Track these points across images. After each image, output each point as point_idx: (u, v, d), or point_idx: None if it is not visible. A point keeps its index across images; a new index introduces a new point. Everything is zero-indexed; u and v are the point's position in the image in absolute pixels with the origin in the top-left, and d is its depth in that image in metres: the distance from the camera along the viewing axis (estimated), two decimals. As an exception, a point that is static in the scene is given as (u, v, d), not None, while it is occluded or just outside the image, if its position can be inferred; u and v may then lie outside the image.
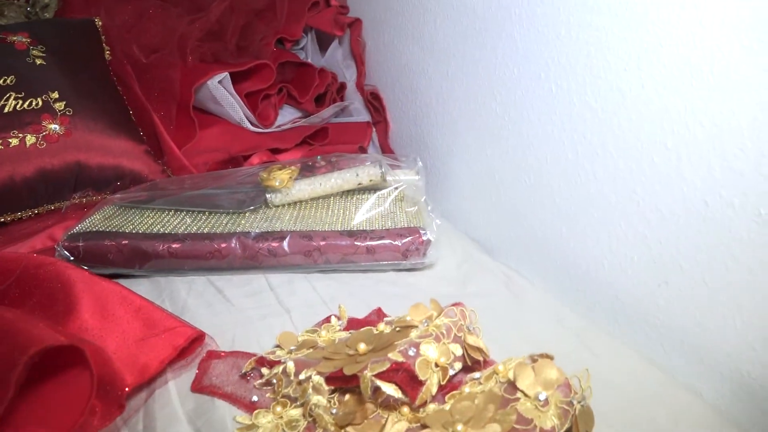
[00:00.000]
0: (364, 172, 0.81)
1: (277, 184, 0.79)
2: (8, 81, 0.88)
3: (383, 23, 1.08)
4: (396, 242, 0.72)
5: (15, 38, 0.93)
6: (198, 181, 0.88)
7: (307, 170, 0.86)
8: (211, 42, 1.13)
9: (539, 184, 0.73)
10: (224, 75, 1.06)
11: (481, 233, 0.85)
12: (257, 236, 0.73)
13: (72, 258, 0.72)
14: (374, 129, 1.17)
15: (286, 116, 1.21)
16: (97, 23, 1.07)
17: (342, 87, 1.21)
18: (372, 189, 0.84)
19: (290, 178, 0.79)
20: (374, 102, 1.14)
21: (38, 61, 0.92)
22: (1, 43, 0.91)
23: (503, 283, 0.71)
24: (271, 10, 1.22)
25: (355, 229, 0.74)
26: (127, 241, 0.72)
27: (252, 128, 1.09)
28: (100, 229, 0.74)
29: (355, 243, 0.72)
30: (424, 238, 0.72)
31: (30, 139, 0.87)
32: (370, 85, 1.15)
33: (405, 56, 1.02)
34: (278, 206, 0.82)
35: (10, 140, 0.85)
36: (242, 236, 0.72)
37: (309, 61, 1.27)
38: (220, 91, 1.06)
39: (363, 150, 1.09)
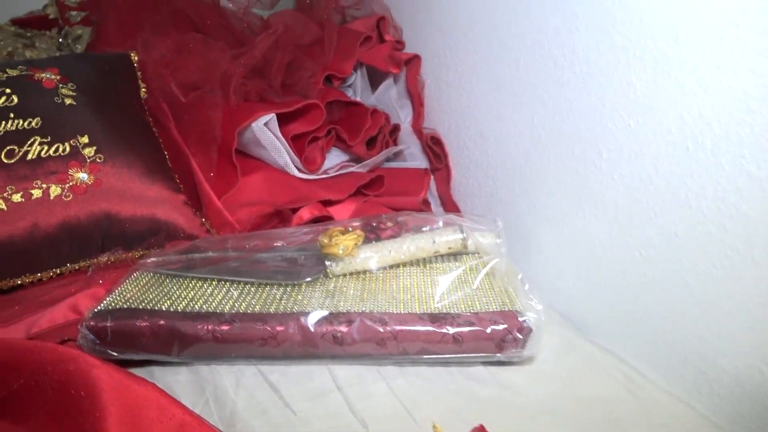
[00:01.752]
0: (442, 239, 0.69)
1: (340, 252, 0.66)
2: (33, 124, 0.78)
3: (447, 61, 0.97)
4: (489, 330, 0.59)
5: (43, 75, 0.83)
6: (243, 241, 0.76)
7: (370, 232, 0.73)
8: (255, 79, 1.03)
9: (662, 260, 0.60)
10: (271, 116, 0.96)
11: (576, 312, 0.71)
12: (315, 317, 0.60)
13: (98, 341, 0.60)
14: (432, 177, 1.05)
15: (333, 160, 1.09)
16: (133, 58, 0.97)
17: (395, 129, 1.10)
18: (451, 255, 0.71)
19: (355, 245, 0.67)
20: (434, 147, 1.02)
21: (67, 101, 0.82)
22: (28, 80, 0.81)
23: (623, 386, 0.58)
24: (319, 45, 1.11)
25: (437, 311, 0.61)
26: (163, 322, 0.60)
27: (298, 174, 0.98)
28: (132, 305, 0.62)
29: (439, 330, 0.59)
30: (524, 325, 0.59)
31: (54, 190, 0.76)
32: (430, 128, 1.04)
33: (475, 98, 0.90)
34: (338, 276, 0.69)
35: (32, 191, 0.75)
36: (301, 318, 0.60)
37: (359, 99, 1.16)
38: (266, 135, 0.95)
39: (426, 204, 0.96)
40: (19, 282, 0.75)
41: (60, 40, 1.40)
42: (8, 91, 0.78)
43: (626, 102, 0.62)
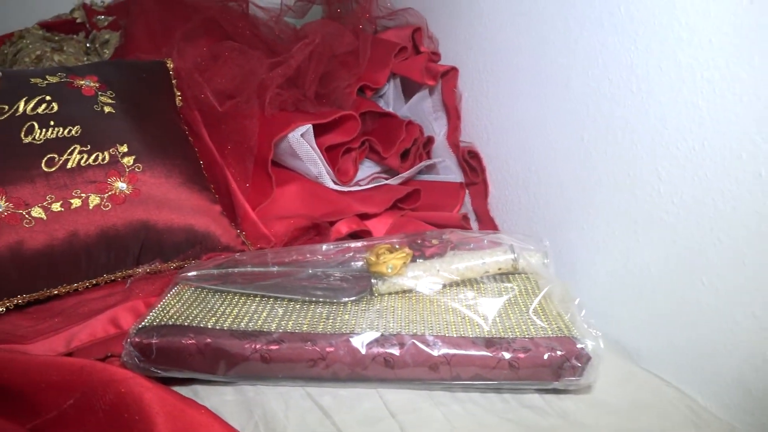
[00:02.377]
0: (492, 259, 0.67)
1: (388, 270, 0.65)
2: (73, 132, 0.76)
3: (487, 75, 0.95)
4: (546, 356, 0.57)
5: (82, 82, 0.82)
6: (283, 256, 0.74)
7: (415, 249, 0.72)
8: (290, 89, 1.02)
9: (727, 289, 0.58)
10: (307, 127, 0.94)
11: (630, 340, 0.69)
12: (365, 338, 0.58)
13: (143, 358, 0.58)
14: (467, 191, 1.03)
15: (364, 171, 1.08)
16: (168, 65, 0.96)
17: (429, 141, 1.08)
18: (499, 275, 0.69)
19: (404, 264, 0.65)
20: (471, 161, 1.00)
21: (107, 109, 0.81)
22: (68, 87, 0.80)
23: (691, 422, 0.55)
24: (353, 55, 1.10)
25: (490, 335, 0.59)
26: (210, 340, 0.58)
27: (333, 186, 0.96)
28: (177, 322, 0.60)
29: (494, 355, 0.57)
30: (583, 353, 0.57)
31: (93, 200, 0.75)
32: (466, 141, 1.02)
33: (518, 114, 0.88)
34: (384, 294, 0.67)
35: (72, 201, 0.74)
36: (351, 339, 0.58)
37: (391, 110, 1.14)
38: (303, 146, 0.93)
39: (466, 220, 0.95)
40: (56, 292, 0.74)
41: (87, 44, 1.40)
42: (48, 98, 0.77)
43: (691, 124, 0.60)
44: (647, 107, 0.65)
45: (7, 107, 0.75)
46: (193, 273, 0.70)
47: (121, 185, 0.77)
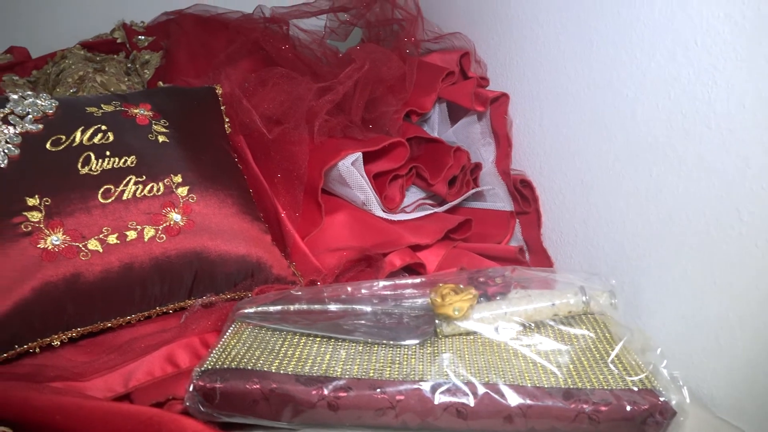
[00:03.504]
0: (563, 302, 0.64)
1: (455, 313, 0.62)
2: (129, 162, 0.76)
3: (542, 102, 0.93)
4: (628, 409, 0.54)
5: (137, 111, 0.81)
6: (339, 292, 0.72)
7: (476, 287, 0.69)
8: (338, 115, 1.00)
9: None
10: (357, 155, 0.93)
11: (707, 392, 0.66)
12: (436, 387, 0.56)
13: (206, 403, 0.56)
14: (517, 221, 1.00)
15: (409, 197, 1.06)
16: (217, 91, 0.95)
17: (476, 168, 1.06)
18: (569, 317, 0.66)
19: (470, 306, 0.63)
20: (523, 190, 0.98)
21: (161, 138, 0.80)
22: (123, 117, 0.80)
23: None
24: (400, 80, 1.08)
25: (566, 385, 0.56)
26: (275, 386, 0.56)
27: (383, 215, 0.94)
28: (240, 365, 0.59)
29: (573, 407, 0.54)
30: (667, 407, 0.54)
31: (149, 232, 0.74)
32: (518, 170, 0.99)
33: (576, 145, 0.85)
34: (447, 336, 0.65)
35: (127, 233, 0.73)
36: (422, 387, 0.56)
37: (436, 135, 1.12)
38: (353, 174, 0.92)
39: (522, 253, 0.92)
40: (109, 325, 0.73)
41: (128, 64, 1.40)
42: (104, 128, 0.77)
43: (780, 165, 0.57)
44: (727, 145, 0.62)
45: (64, 137, 0.74)
46: (250, 310, 0.68)
47: (175, 216, 0.76)
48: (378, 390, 0.56)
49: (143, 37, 1.40)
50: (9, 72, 1.33)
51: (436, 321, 0.65)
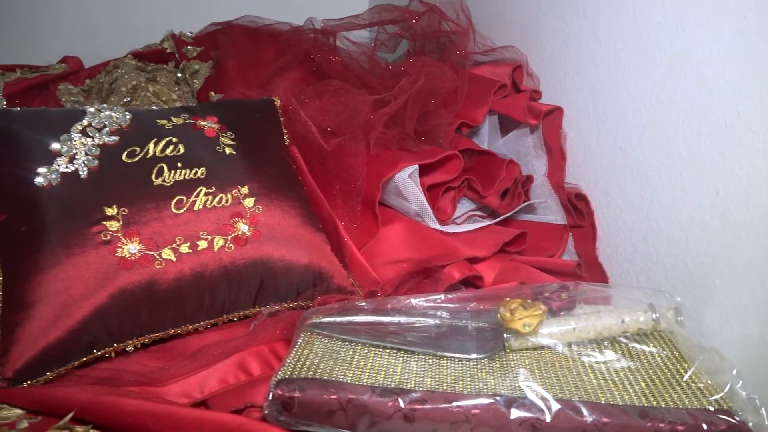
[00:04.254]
0: (632, 319, 0.65)
1: (525, 329, 0.63)
2: (199, 173, 0.78)
3: (598, 117, 0.93)
4: (705, 429, 0.54)
5: (204, 123, 0.84)
6: (405, 304, 0.73)
7: (542, 302, 0.70)
8: (392, 127, 1.02)
9: None
10: (414, 168, 0.94)
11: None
12: (510, 402, 0.57)
13: (284, 411, 0.58)
14: (570, 234, 1.00)
15: (459, 209, 1.07)
16: (276, 103, 0.98)
17: (528, 180, 1.06)
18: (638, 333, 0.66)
19: (539, 322, 0.63)
20: (578, 204, 0.98)
21: (228, 150, 0.82)
22: (192, 129, 0.82)
23: None
24: (452, 93, 1.10)
25: (640, 403, 0.57)
26: (352, 396, 0.57)
27: (438, 227, 0.95)
28: (316, 375, 0.60)
29: (650, 426, 0.54)
30: (744, 427, 0.54)
31: (218, 242, 0.76)
32: (572, 183, 1.00)
33: (636, 160, 0.86)
34: (515, 351, 0.66)
35: (199, 243, 0.75)
36: (497, 401, 0.56)
37: (486, 147, 1.13)
38: (410, 186, 0.93)
39: (580, 268, 0.92)
40: (179, 332, 0.75)
41: (178, 74, 1.44)
42: (175, 140, 0.79)
43: None
44: (803, 165, 0.62)
45: (138, 149, 0.77)
46: (319, 320, 0.70)
47: (243, 227, 0.78)
48: (453, 403, 0.57)
49: (192, 48, 1.43)
50: (64, 81, 1.37)
51: (505, 335, 0.66)
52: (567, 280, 0.84)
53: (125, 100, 1.29)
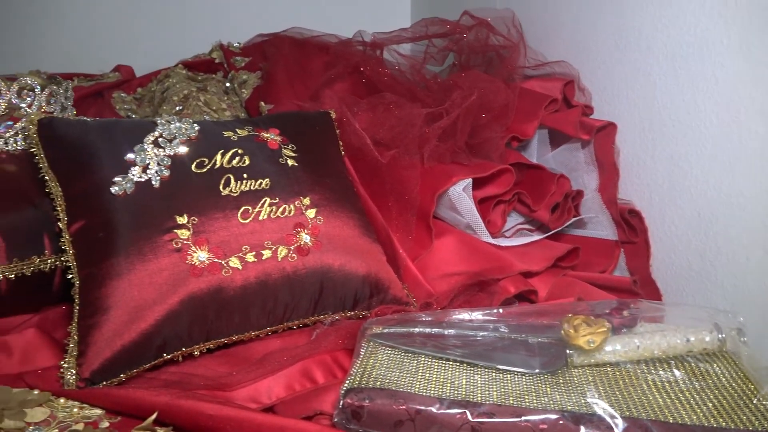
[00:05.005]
0: (698, 338, 0.65)
1: (590, 345, 0.64)
2: (264, 184, 0.80)
3: (654, 133, 0.93)
4: (776, 454, 0.54)
5: (267, 135, 0.86)
6: (465, 317, 0.74)
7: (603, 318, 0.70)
8: (445, 140, 1.03)
9: None
10: (468, 181, 0.95)
11: None
12: (578, 418, 0.57)
13: (353, 420, 0.59)
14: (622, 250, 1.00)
15: (508, 222, 1.07)
16: (332, 115, 1.00)
17: (578, 195, 1.06)
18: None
19: (604, 340, 0.64)
20: (631, 220, 0.98)
21: (290, 162, 0.85)
22: (256, 141, 0.85)
23: None
24: (503, 107, 1.10)
25: (708, 424, 0.57)
26: (421, 407, 0.59)
27: (491, 240, 0.96)
28: (383, 385, 0.61)
29: (719, 448, 0.54)
30: (818, 453, 0.53)
31: (282, 251, 0.78)
32: (625, 199, 1.00)
33: (694, 178, 0.85)
34: (577, 367, 0.66)
35: (263, 252, 0.77)
36: (564, 417, 0.57)
37: (535, 160, 1.14)
38: (464, 199, 0.94)
39: (636, 285, 0.92)
40: (243, 338, 0.77)
41: (227, 84, 1.47)
42: (240, 151, 0.82)
43: None
44: None
45: (206, 160, 0.79)
46: (381, 331, 0.71)
47: (305, 237, 0.80)
48: (522, 418, 0.58)
49: (240, 58, 1.47)
50: (117, 90, 1.42)
51: (568, 351, 0.66)
52: (622, 297, 0.84)
53: (177, 108, 1.32)
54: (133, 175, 0.75)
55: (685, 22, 0.85)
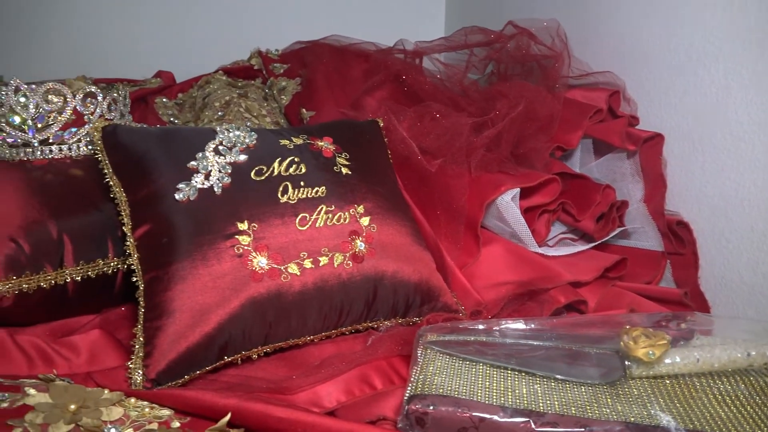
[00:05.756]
0: (759, 352, 0.65)
1: (650, 357, 0.64)
2: (320, 192, 0.82)
3: (704, 145, 0.93)
4: None
5: (321, 144, 0.88)
6: (520, 327, 0.75)
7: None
8: (491, 150, 1.04)
9: None
10: (516, 191, 0.96)
11: None
12: (642, 429, 0.58)
13: (417, 426, 0.60)
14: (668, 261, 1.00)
15: (551, 231, 1.08)
16: (380, 124, 1.01)
17: (623, 205, 1.07)
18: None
19: (664, 352, 0.64)
20: (679, 231, 0.98)
21: (344, 171, 0.86)
22: (311, 149, 0.86)
23: None
24: (547, 116, 1.11)
25: (774, 438, 0.57)
26: (485, 415, 0.60)
27: (538, 250, 0.97)
28: (446, 392, 0.63)
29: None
30: None
31: (338, 258, 0.80)
32: (672, 211, 1.00)
33: (746, 191, 0.85)
34: (635, 378, 0.67)
35: (320, 258, 0.79)
36: (628, 428, 0.58)
37: (578, 170, 1.14)
38: (511, 209, 0.95)
39: (687, 297, 0.92)
40: (299, 342, 0.79)
41: (266, 90, 1.50)
42: (297, 159, 0.84)
43: None
44: None
45: (265, 168, 0.81)
46: (438, 338, 0.72)
47: (360, 244, 0.81)
48: (586, 428, 0.58)
49: (279, 64, 1.49)
50: (159, 95, 1.45)
51: (626, 363, 0.67)
52: (673, 309, 0.84)
53: (218, 114, 1.35)
54: (196, 182, 0.77)
55: (738, 35, 0.86)
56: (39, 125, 0.85)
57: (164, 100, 1.46)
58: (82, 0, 1.57)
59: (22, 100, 0.84)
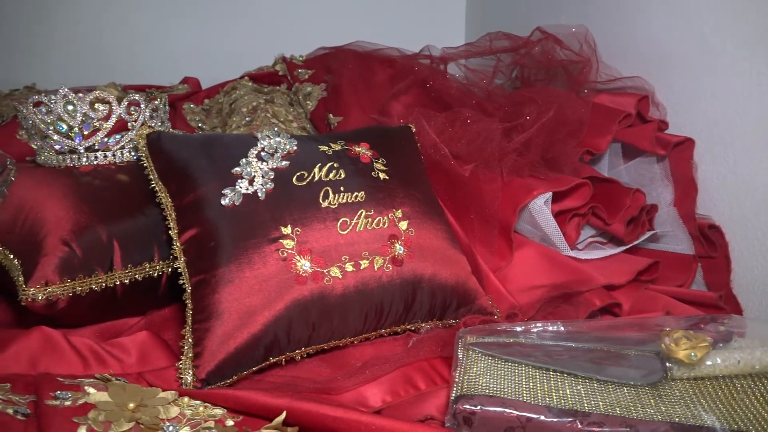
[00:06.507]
0: (800, 355, 0.66)
1: (692, 359, 0.65)
2: (359, 197, 0.84)
3: (735, 150, 0.94)
4: None
5: (359, 150, 0.90)
6: (556, 330, 0.76)
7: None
8: (522, 154, 1.05)
9: None
10: (549, 195, 0.97)
11: None
12: (688, 429, 0.59)
13: (464, 425, 0.62)
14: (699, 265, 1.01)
15: (581, 234, 1.09)
16: (412, 129, 1.03)
17: (652, 209, 1.08)
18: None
19: (706, 354, 0.66)
20: (710, 235, 0.99)
21: (381, 176, 0.88)
22: (349, 155, 0.88)
23: None
24: (577, 121, 1.12)
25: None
26: (532, 415, 0.61)
27: (571, 253, 0.98)
28: (492, 393, 0.64)
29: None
30: None
31: (378, 261, 0.81)
32: (703, 214, 1.00)
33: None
34: (676, 380, 0.68)
35: (361, 262, 0.81)
36: (673, 428, 0.59)
37: (606, 173, 1.15)
38: (543, 213, 0.97)
39: (722, 300, 0.93)
40: (341, 344, 0.81)
41: (291, 95, 1.52)
42: (336, 165, 0.86)
43: None
44: None
45: (306, 173, 0.83)
46: (480, 340, 0.74)
47: (399, 248, 0.83)
48: (632, 428, 0.59)
49: (303, 70, 1.51)
50: (187, 101, 1.47)
51: (668, 364, 0.68)
52: (708, 312, 0.85)
53: (246, 120, 1.37)
54: (241, 187, 0.79)
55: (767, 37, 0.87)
56: (85, 132, 0.88)
57: (191, 105, 1.48)
58: (108, 8, 1.61)
59: (70, 108, 0.86)
